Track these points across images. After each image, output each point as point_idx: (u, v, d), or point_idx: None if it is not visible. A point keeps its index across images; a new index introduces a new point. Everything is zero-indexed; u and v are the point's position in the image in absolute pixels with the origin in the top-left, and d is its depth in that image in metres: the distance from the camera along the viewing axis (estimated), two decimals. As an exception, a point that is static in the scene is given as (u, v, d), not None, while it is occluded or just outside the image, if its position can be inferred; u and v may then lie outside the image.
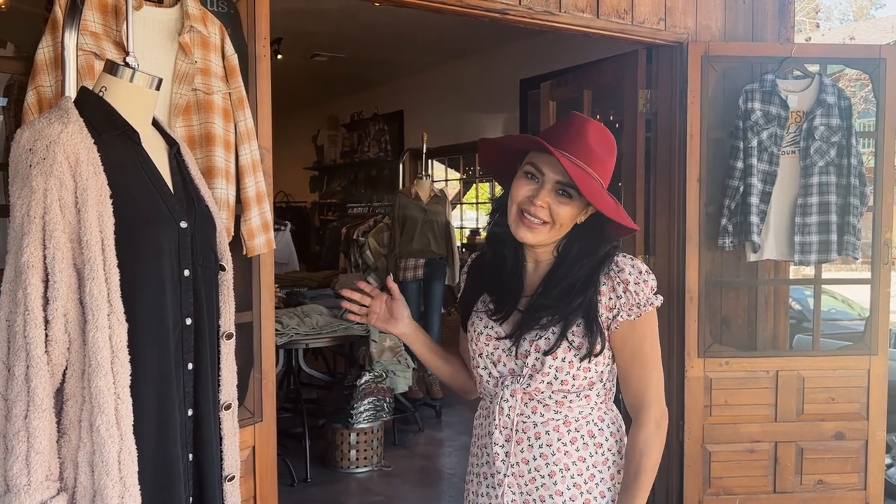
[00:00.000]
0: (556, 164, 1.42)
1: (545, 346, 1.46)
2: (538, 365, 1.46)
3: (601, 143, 1.48)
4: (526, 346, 1.48)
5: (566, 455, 1.48)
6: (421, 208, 5.33)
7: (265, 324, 2.34)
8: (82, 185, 1.20)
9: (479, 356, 1.54)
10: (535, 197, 1.45)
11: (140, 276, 1.28)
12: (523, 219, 1.47)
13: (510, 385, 1.49)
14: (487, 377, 1.54)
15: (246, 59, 2.23)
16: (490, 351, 1.53)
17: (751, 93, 3.06)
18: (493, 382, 1.53)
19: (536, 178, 1.46)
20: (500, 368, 1.52)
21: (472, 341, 1.56)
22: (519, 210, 1.47)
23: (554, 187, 1.45)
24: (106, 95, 1.34)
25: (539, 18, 2.88)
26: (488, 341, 1.53)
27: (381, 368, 4.27)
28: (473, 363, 1.57)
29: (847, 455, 3.21)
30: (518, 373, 1.49)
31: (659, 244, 3.36)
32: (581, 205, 1.48)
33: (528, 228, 1.46)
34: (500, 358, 1.52)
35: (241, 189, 2.12)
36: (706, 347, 3.17)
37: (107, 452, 1.19)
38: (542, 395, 1.48)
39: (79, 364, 1.21)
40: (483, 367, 1.54)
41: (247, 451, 2.30)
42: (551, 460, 1.48)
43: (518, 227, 1.48)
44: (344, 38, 6.22)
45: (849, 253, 3.08)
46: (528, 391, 1.48)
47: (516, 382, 1.49)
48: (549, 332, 1.46)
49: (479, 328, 1.55)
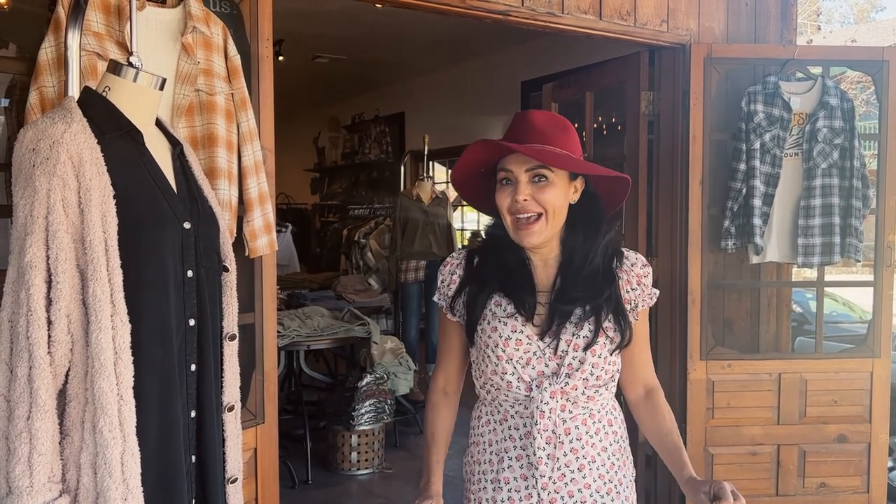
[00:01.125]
0: (520, 157, 1.45)
1: (584, 342, 1.46)
2: (575, 363, 1.47)
3: (550, 123, 1.50)
4: (563, 345, 1.47)
5: (592, 448, 1.51)
6: (422, 210, 5.32)
7: (267, 325, 2.33)
8: (86, 185, 1.20)
9: (506, 362, 1.48)
10: (516, 194, 1.46)
11: (143, 276, 1.27)
12: (518, 223, 1.48)
13: (548, 387, 1.46)
14: (517, 382, 1.48)
15: (248, 60, 2.23)
16: (520, 355, 1.48)
17: (753, 95, 3.06)
18: (524, 387, 1.48)
19: (510, 180, 1.48)
20: (530, 371, 1.48)
21: (497, 347, 1.48)
22: (512, 217, 1.48)
23: (528, 178, 1.46)
24: (109, 95, 1.34)
25: (541, 20, 2.87)
26: (518, 346, 1.48)
27: (383, 370, 4.27)
28: (497, 369, 1.49)
29: (850, 458, 3.20)
30: (555, 373, 1.47)
31: (661, 246, 3.35)
32: (562, 184, 1.48)
33: (527, 231, 1.47)
34: (529, 360, 1.48)
35: (243, 190, 2.11)
36: (708, 350, 3.16)
37: (109, 454, 1.18)
38: (577, 392, 1.48)
39: (82, 365, 1.20)
40: (511, 373, 1.48)
41: (249, 452, 2.30)
42: (581, 454, 1.49)
43: (518, 233, 1.49)
44: (345, 39, 6.21)
45: (851, 255, 3.08)
46: (565, 390, 1.47)
47: (555, 383, 1.46)
48: (585, 328, 1.47)
49: (504, 333, 1.48)
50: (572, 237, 1.53)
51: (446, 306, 1.60)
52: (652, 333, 3.39)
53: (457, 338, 1.62)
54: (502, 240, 1.54)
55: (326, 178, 9.97)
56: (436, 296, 1.64)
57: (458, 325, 1.60)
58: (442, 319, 1.65)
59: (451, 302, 1.58)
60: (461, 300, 1.57)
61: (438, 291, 1.63)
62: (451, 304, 1.59)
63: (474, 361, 1.58)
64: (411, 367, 4.49)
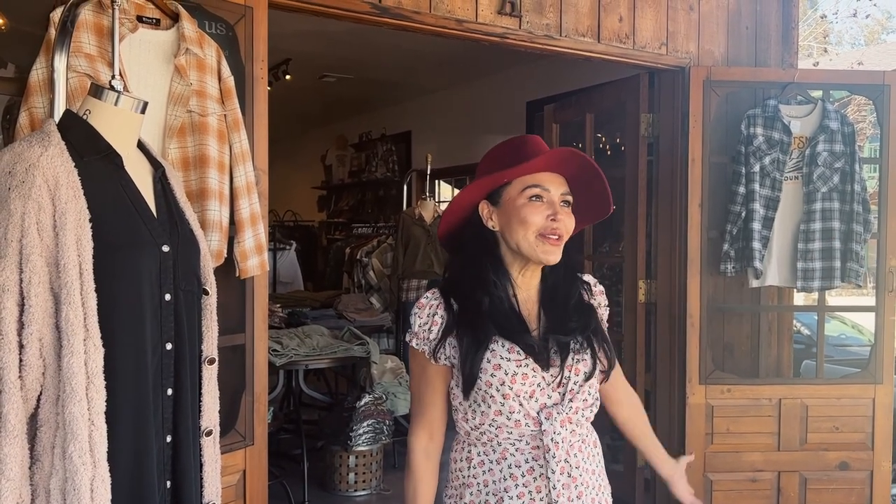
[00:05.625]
0: (557, 178, 1.48)
1: (585, 368, 1.48)
2: (575, 388, 1.47)
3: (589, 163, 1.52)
4: (566, 372, 1.46)
5: (586, 472, 1.50)
6: (424, 229, 5.32)
7: (258, 346, 2.32)
8: (61, 209, 1.20)
9: (512, 400, 1.44)
10: (553, 215, 1.45)
11: (118, 300, 1.26)
12: (547, 240, 1.45)
13: (557, 417, 1.45)
14: (525, 419, 1.45)
15: (244, 81, 2.24)
16: (526, 389, 1.45)
17: (753, 118, 3.04)
18: (532, 422, 1.45)
19: (542, 198, 1.47)
20: (534, 404, 1.46)
21: (503, 385, 1.43)
22: (538, 235, 1.45)
23: (561, 200, 1.48)
24: (90, 118, 1.34)
25: (539, 43, 2.88)
26: (525, 380, 1.44)
27: (382, 390, 4.24)
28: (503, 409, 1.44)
29: (852, 486, 3.15)
30: (557, 403, 1.47)
31: (660, 269, 3.33)
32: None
33: (555, 248, 1.46)
34: (533, 393, 1.46)
35: (235, 211, 2.11)
36: (708, 374, 3.12)
37: (79, 480, 1.17)
38: (578, 416, 1.49)
39: (53, 389, 1.20)
40: (518, 411, 1.44)
41: (237, 474, 2.28)
42: (580, 481, 1.48)
43: (544, 251, 1.46)
44: (352, 59, 6.25)
45: (852, 280, 3.04)
46: (570, 417, 1.47)
47: (561, 413, 1.46)
48: (583, 356, 1.48)
49: (511, 370, 1.43)
50: (555, 266, 1.52)
51: (429, 352, 1.50)
52: (650, 356, 3.39)
53: (441, 382, 1.53)
54: (476, 281, 1.48)
55: (333, 195, 9.98)
56: (411, 339, 1.52)
57: (443, 370, 1.51)
58: (420, 366, 1.54)
59: (435, 348, 1.49)
60: (448, 347, 1.49)
61: (415, 336, 1.51)
62: (433, 351, 1.49)
63: (468, 406, 1.50)
64: (411, 388, 4.46)
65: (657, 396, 3.32)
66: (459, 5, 2.69)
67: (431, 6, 2.63)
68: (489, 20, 2.75)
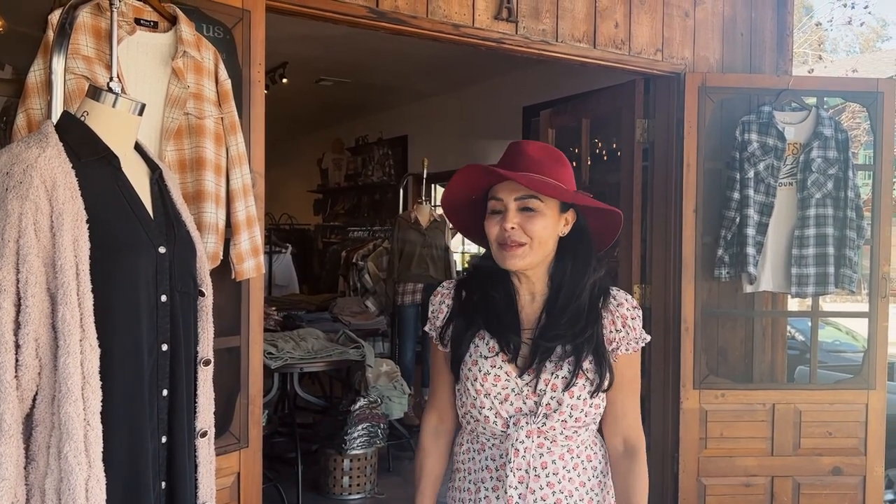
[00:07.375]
0: (511, 186, 1.46)
1: (562, 383, 1.45)
2: (554, 404, 1.45)
3: (543, 153, 1.51)
4: (542, 384, 1.45)
5: (570, 482, 1.48)
6: (420, 233, 5.33)
7: (253, 348, 2.32)
8: (58, 210, 1.20)
9: (484, 396, 1.47)
10: (504, 223, 1.46)
11: (114, 301, 1.27)
12: (505, 247, 1.47)
13: (525, 426, 1.45)
14: (494, 417, 1.47)
15: (241, 85, 2.25)
16: (498, 391, 1.47)
17: (748, 124, 3.06)
18: (500, 423, 1.47)
19: (499, 209, 1.48)
20: (508, 407, 1.47)
21: (476, 381, 1.48)
22: (498, 245, 1.48)
23: (517, 206, 1.46)
24: (88, 120, 1.34)
25: (535, 48, 2.89)
26: (496, 381, 1.47)
27: (377, 394, 4.24)
28: (476, 403, 1.49)
29: (845, 491, 3.16)
30: (532, 411, 1.46)
31: (655, 274, 3.34)
32: (552, 214, 1.48)
33: (511, 253, 1.46)
34: (507, 397, 1.47)
35: (231, 213, 2.11)
36: (702, 379, 3.14)
37: (74, 480, 1.17)
38: (554, 433, 1.47)
39: (49, 389, 1.20)
40: (489, 408, 1.47)
41: (232, 477, 2.28)
42: (557, 489, 1.47)
43: (502, 257, 1.48)
44: (349, 63, 6.27)
45: (845, 286, 3.06)
46: (542, 429, 1.45)
47: (532, 423, 1.45)
48: (564, 368, 1.45)
49: (484, 368, 1.48)
50: (560, 271, 1.51)
51: (436, 337, 1.58)
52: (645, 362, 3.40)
53: (447, 369, 1.59)
54: (491, 272, 1.53)
55: (329, 199, 10.00)
56: (427, 325, 1.63)
57: (447, 356, 1.58)
58: (434, 350, 1.62)
59: (441, 333, 1.57)
60: (448, 333, 1.56)
61: (429, 322, 1.62)
62: (440, 335, 1.58)
63: (457, 392, 1.56)
64: (406, 391, 4.46)
65: (651, 401, 3.33)
66: (456, 10, 2.70)
67: (428, 11, 2.64)
68: (486, 25, 2.76)
